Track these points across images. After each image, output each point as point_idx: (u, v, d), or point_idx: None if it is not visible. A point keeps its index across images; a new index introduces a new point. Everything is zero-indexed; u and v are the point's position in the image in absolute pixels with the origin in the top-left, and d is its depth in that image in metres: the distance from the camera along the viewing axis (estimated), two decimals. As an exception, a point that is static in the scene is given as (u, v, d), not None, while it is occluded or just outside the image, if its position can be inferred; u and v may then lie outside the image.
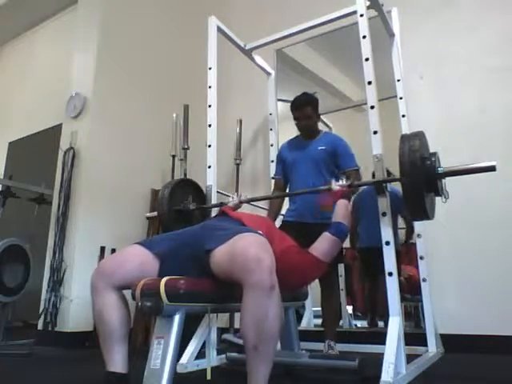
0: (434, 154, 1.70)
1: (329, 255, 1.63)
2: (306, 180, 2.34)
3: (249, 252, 1.25)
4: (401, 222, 2.92)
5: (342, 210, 1.78)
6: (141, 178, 3.50)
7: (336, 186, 1.89)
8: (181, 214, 2.18)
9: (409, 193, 1.65)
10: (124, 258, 1.46)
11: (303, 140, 2.48)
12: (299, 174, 2.41)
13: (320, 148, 2.37)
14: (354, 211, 3.24)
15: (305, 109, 2.39)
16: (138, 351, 1.41)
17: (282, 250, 1.53)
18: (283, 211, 2.55)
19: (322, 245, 1.64)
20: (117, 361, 1.34)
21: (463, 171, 1.71)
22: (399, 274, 2.69)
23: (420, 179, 1.62)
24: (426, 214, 1.70)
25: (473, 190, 2.58)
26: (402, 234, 2.98)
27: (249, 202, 2.22)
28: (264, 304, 1.20)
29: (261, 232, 1.46)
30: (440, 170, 1.68)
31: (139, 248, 1.48)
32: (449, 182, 1.76)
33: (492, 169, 1.62)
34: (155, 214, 2.32)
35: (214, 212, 2.25)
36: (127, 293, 1.39)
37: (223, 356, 2.08)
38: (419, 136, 1.71)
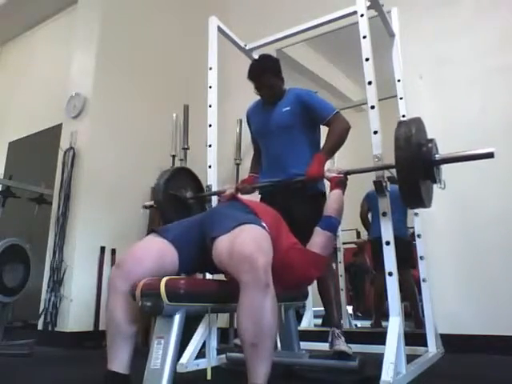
0: (431, 140, 1.66)
1: (326, 248, 1.65)
2: (276, 158, 2.10)
3: (244, 250, 1.26)
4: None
5: (334, 203, 1.73)
6: (141, 178, 3.50)
7: (331, 174, 1.85)
8: (178, 203, 2.13)
9: (404, 179, 1.60)
10: (142, 254, 1.45)
11: (268, 105, 2.17)
12: (268, 150, 2.16)
13: (284, 110, 2.08)
14: (367, 201, 3.20)
15: (263, 77, 2.09)
16: (138, 351, 1.40)
17: (288, 246, 1.54)
18: None
19: (318, 240, 1.65)
20: (120, 360, 1.34)
21: (461, 158, 1.66)
22: (412, 266, 2.64)
23: (416, 165, 1.57)
24: (421, 201, 1.64)
25: (473, 190, 2.58)
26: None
27: (247, 190, 2.10)
28: (260, 302, 1.21)
29: (264, 224, 1.47)
30: (437, 156, 1.64)
31: (156, 239, 1.50)
32: (449, 183, 1.75)
33: (490, 155, 1.56)
34: (152, 202, 2.30)
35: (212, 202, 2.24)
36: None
37: (223, 356, 2.08)
38: (416, 122, 1.67)
